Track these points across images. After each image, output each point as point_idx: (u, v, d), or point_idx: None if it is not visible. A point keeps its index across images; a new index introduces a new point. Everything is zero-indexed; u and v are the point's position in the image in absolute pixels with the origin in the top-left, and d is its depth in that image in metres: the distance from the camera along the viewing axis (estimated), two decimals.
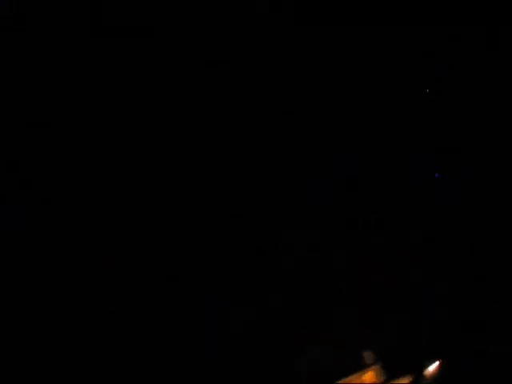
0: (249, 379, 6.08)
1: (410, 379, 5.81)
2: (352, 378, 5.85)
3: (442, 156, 6.38)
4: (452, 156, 6.37)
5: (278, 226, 6.40)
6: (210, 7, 6.43)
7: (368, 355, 5.94)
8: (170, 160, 6.48)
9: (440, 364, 5.84)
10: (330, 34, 6.39)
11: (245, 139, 6.48)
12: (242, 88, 6.48)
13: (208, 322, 6.21)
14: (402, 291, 6.21)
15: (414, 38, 6.36)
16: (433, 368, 5.85)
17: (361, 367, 5.89)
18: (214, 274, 6.33)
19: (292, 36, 6.41)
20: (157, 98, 6.49)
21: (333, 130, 6.45)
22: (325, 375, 5.95)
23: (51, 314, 6.18)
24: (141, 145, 6.46)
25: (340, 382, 5.86)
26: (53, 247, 6.29)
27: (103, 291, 6.26)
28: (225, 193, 6.44)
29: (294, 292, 6.27)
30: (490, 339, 5.96)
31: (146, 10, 6.40)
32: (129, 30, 6.39)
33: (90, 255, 6.30)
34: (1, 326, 6.11)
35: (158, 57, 6.45)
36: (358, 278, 6.27)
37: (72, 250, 6.31)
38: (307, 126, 6.47)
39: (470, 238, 6.20)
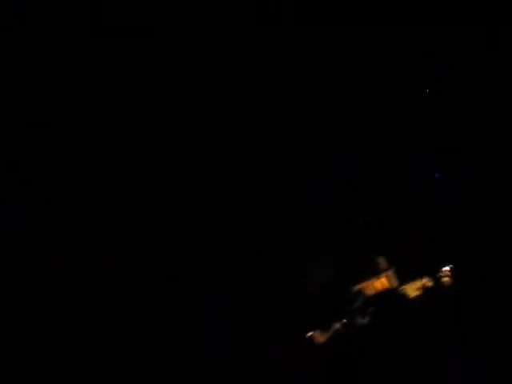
0: (249, 379, 6.09)
1: (424, 282, 5.71)
2: (366, 284, 5.78)
3: (441, 156, 6.38)
4: (452, 156, 6.37)
5: (277, 226, 6.40)
6: (211, 8, 6.43)
7: (382, 260, 5.86)
8: (170, 160, 6.48)
9: (453, 267, 5.73)
10: (329, 34, 6.39)
11: (245, 139, 6.48)
12: (242, 88, 6.48)
13: (208, 321, 6.22)
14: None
15: (414, 38, 6.36)
16: (447, 269, 5.72)
17: (375, 273, 5.83)
18: (214, 273, 6.34)
19: (292, 36, 6.42)
20: (157, 98, 6.49)
21: (333, 130, 6.45)
22: (339, 281, 5.92)
23: (51, 314, 6.18)
24: (141, 145, 6.47)
25: (355, 287, 5.79)
26: (53, 247, 6.30)
27: (103, 291, 6.26)
28: (225, 193, 6.44)
29: (293, 292, 6.27)
30: (489, 339, 5.95)
31: (146, 10, 6.41)
32: (129, 30, 6.40)
33: (90, 255, 6.30)
34: (1, 325, 6.12)
35: (158, 57, 6.46)
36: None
37: (72, 249, 6.31)
38: (307, 126, 6.47)
39: (470, 237, 6.19)
